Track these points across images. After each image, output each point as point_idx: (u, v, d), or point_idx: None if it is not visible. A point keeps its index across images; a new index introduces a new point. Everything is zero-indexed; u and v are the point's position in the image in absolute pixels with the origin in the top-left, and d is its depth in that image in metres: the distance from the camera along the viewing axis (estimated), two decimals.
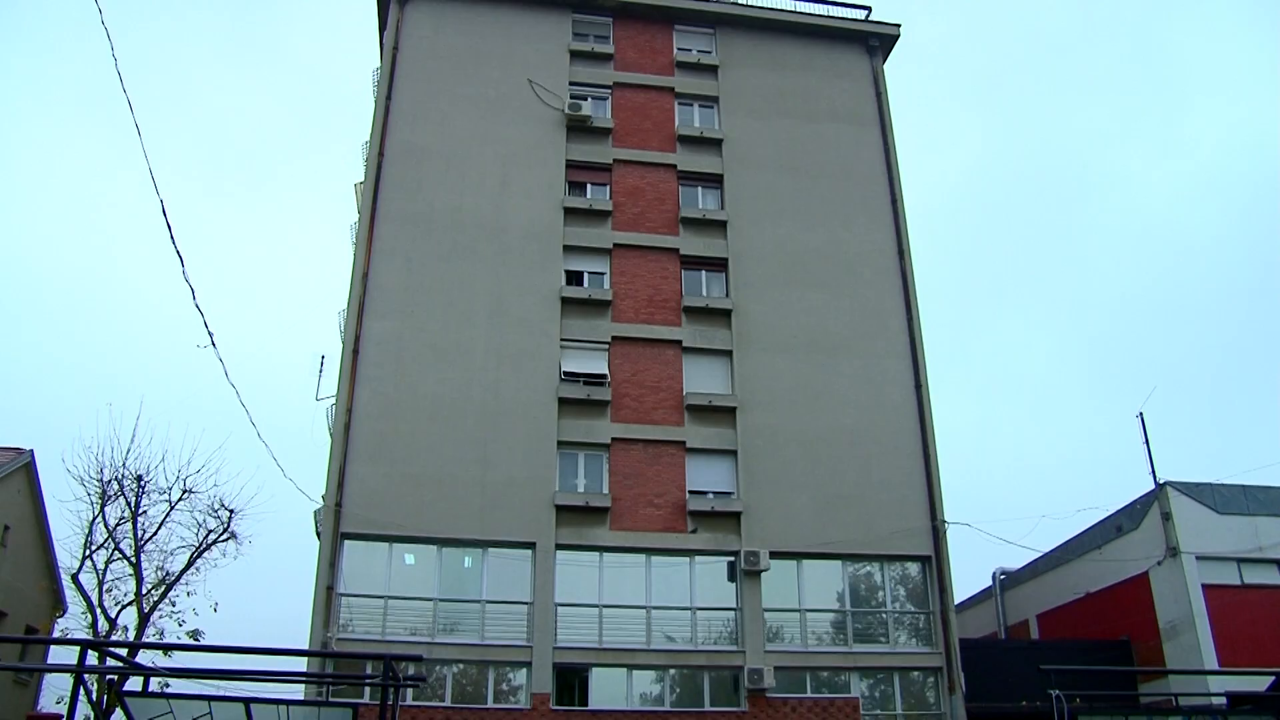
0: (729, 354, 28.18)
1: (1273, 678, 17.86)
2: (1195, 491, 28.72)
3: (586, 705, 24.26)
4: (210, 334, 15.48)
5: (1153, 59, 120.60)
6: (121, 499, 30.91)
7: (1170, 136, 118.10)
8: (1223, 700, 19.64)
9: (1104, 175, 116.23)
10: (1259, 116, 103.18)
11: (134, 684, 13.05)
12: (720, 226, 29.81)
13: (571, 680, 24.60)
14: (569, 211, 29.21)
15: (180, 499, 31.32)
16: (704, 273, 29.40)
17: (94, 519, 30.60)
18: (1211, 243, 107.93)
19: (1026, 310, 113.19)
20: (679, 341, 28.13)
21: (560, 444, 26.36)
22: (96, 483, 30.75)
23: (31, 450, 32.64)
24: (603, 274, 28.81)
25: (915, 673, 26.19)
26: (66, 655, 34.02)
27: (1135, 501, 29.80)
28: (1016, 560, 36.04)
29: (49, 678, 33.30)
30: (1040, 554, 33.38)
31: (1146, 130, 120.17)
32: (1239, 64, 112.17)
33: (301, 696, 20.02)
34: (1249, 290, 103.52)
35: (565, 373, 27.10)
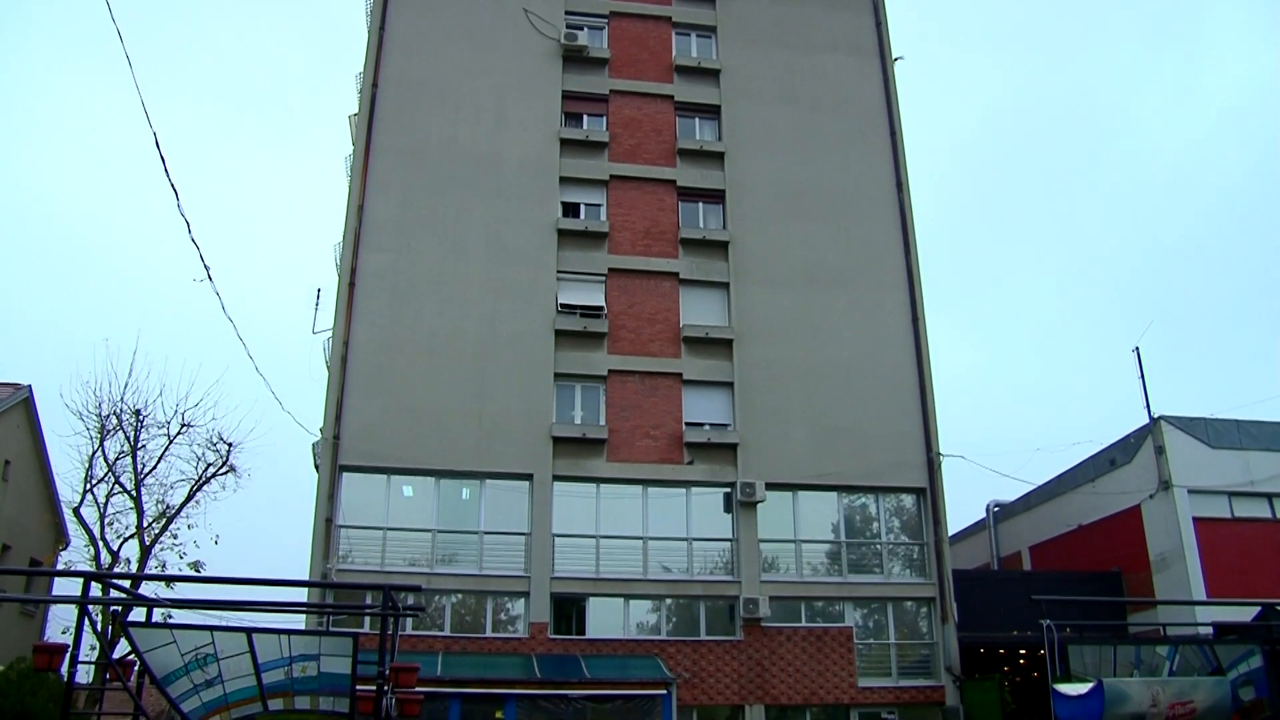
0: (726, 286, 28.11)
1: (1259, 608, 18.08)
2: (1189, 426, 28.86)
3: (584, 634, 24.59)
4: (207, 268, 15.44)
5: (1171, 5, 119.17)
6: (120, 433, 30.99)
7: (1186, 84, 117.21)
8: (1210, 630, 19.93)
9: (1119, 120, 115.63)
10: (1275, 66, 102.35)
11: (138, 615, 13.19)
12: (718, 158, 29.57)
13: (569, 610, 24.91)
14: (565, 143, 28.94)
15: (179, 433, 31.40)
16: (701, 204, 29.23)
17: (93, 453, 30.71)
18: (1221, 188, 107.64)
19: (1036, 251, 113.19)
20: (676, 274, 28.05)
21: (557, 376, 26.40)
22: (95, 417, 30.81)
23: (29, 385, 32.68)
24: (599, 206, 28.63)
25: (909, 603, 26.52)
26: (70, 587, 34.55)
27: (1129, 435, 29.95)
28: (1010, 493, 36.36)
29: (54, 609, 33.66)
30: (1034, 487, 33.66)
31: (1162, 77, 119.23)
32: (1257, 12, 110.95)
33: (302, 626, 20.26)
34: (1255, 233, 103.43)
35: (562, 305, 27.06)
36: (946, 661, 25.59)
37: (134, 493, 30.63)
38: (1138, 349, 30.56)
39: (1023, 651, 28.35)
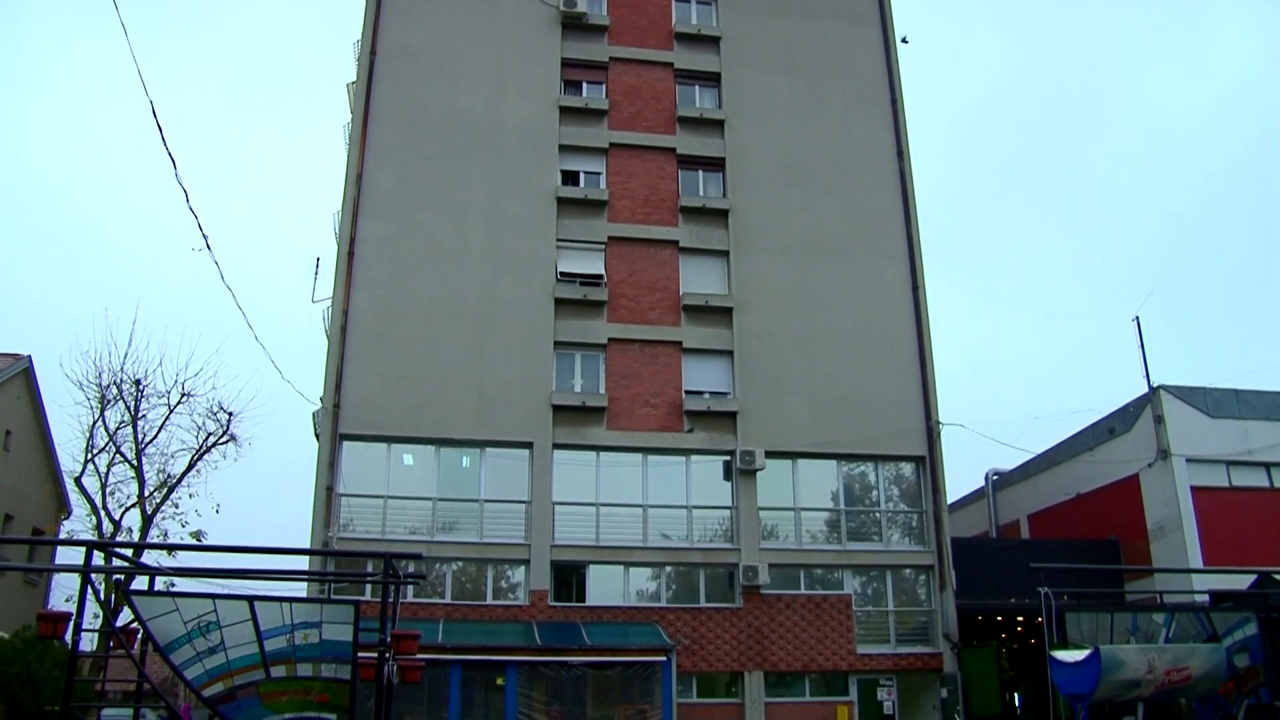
0: (726, 254, 28.06)
1: (1255, 576, 18.18)
2: (1188, 395, 28.87)
3: (584, 601, 24.73)
4: (205, 236, 15.41)
5: None
6: (121, 403, 31.11)
7: (1194, 56, 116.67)
8: (1206, 598, 20.03)
9: (1126, 91, 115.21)
10: None
11: (140, 583, 13.25)
12: (718, 126, 29.43)
13: (569, 577, 25.04)
14: (564, 111, 28.79)
15: (179, 402, 31.57)
16: (701, 173, 29.12)
17: (94, 423, 30.86)
18: (1227, 158, 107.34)
19: (1041, 221, 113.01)
20: (676, 242, 27.98)
21: (557, 344, 26.40)
22: (95, 387, 30.93)
23: (29, 356, 32.66)
24: (599, 174, 28.53)
25: (907, 570, 26.66)
26: (73, 556, 34.67)
27: (1129, 404, 29.98)
28: (1009, 461, 36.41)
29: (57, 578, 33.82)
30: (1033, 455, 33.73)
31: (1171, 48, 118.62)
32: None
33: (304, 594, 20.36)
34: (1260, 203, 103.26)
35: (561, 273, 27.02)
36: (945, 629, 25.76)
37: (135, 462, 30.79)
38: (1138, 318, 30.66)
39: (1020, 619, 28.54)
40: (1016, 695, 26.30)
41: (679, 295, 27.41)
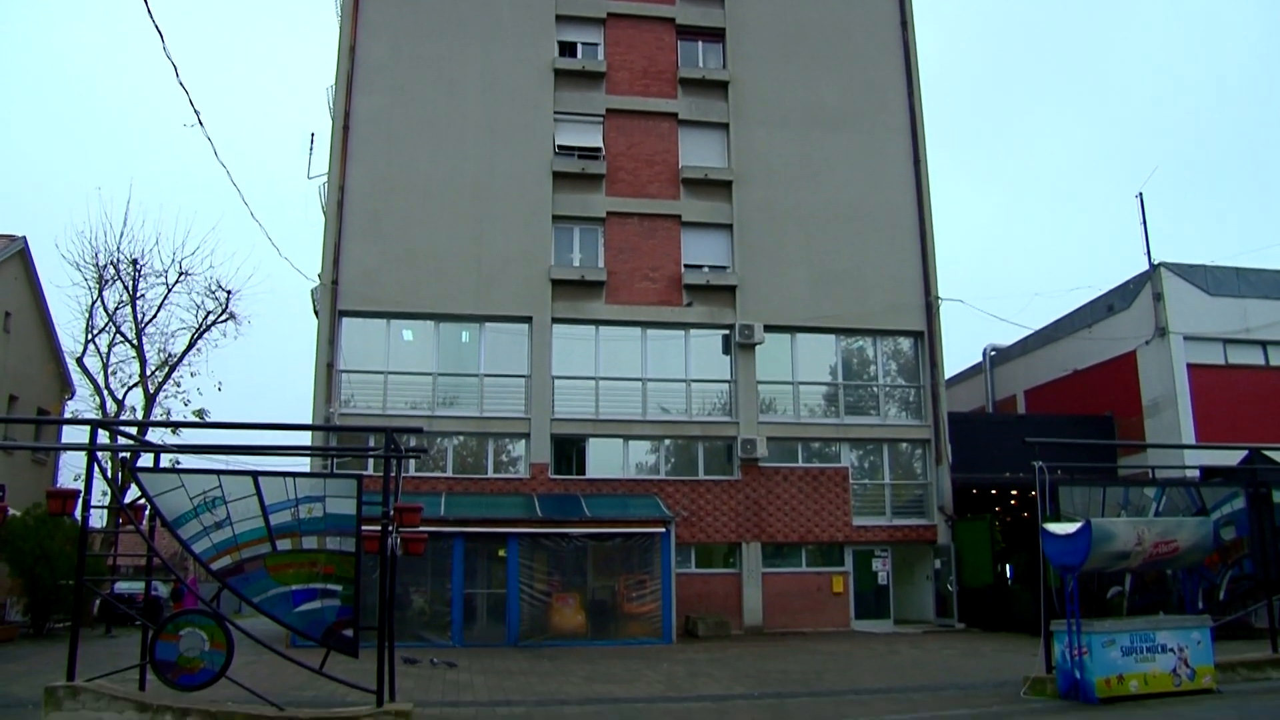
0: (726, 127, 27.62)
1: (1246, 452, 18.32)
2: (1188, 273, 28.77)
3: (584, 474, 25.09)
4: (197, 112, 14.97)
5: None
6: (119, 283, 31.07)
7: None
8: (1197, 473, 20.23)
9: None
10: None
11: (146, 461, 13.35)
12: None
13: (569, 450, 25.34)
14: None
15: (177, 281, 31.57)
16: (701, 43, 28.45)
17: (93, 303, 30.89)
18: (1240, 37, 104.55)
19: (1051, 97, 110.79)
20: (675, 114, 27.51)
21: (555, 218, 26.20)
22: (93, 267, 30.85)
23: (24, 236, 32.40)
24: (596, 45, 27.87)
25: (904, 444, 26.98)
26: (78, 435, 35.02)
27: (1128, 281, 29.89)
28: (1008, 337, 36.52)
29: (65, 457, 34.21)
30: (1031, 331, 33.80)
31: None
32: None
33: (307, 470, 20.61)
34: (1271, 84, 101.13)
35: (559, 146, 26.63)
36: (939, 501, 26.21)
37: (135, 342, 30.89)
38: (1141, 195, 30.37)
39: (1014, 492, 28.97)
40: (1008, 566, 26.82)
41: (678, 168, 27.07)
